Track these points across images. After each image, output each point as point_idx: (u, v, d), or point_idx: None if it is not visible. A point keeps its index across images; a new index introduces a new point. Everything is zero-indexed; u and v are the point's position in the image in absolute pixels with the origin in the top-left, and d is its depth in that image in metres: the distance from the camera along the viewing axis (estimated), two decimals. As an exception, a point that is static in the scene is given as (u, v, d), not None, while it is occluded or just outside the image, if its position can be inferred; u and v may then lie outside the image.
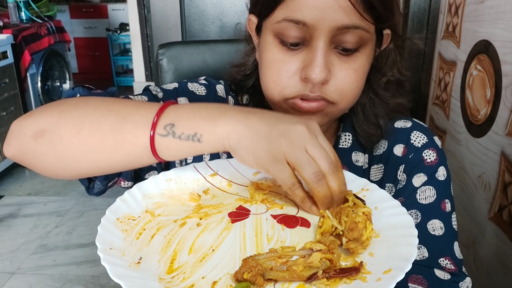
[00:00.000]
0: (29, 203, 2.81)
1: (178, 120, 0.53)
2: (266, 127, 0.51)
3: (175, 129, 0.53)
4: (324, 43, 0.60)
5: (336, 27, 0.59)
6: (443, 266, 0.67)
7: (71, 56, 4.77)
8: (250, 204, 0.57)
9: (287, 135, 0.50)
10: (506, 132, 1.03)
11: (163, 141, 0.53)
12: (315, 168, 0.50)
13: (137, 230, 0.52)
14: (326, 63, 0.61)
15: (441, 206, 0.69)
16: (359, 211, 0.49)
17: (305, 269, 0.44)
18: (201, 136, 0.52)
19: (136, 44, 4.37)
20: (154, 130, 0.53)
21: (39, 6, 3.53)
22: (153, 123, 0.53)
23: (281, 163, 0.50)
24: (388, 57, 0.71)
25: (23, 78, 3.14)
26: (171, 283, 0.44)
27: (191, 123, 0.53)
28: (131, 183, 0.70)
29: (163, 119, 0.53)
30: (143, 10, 4.13)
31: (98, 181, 0.65)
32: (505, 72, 1.04)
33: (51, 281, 2.12)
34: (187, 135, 0.52)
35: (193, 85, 0.77)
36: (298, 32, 0.61)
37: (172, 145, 0.53)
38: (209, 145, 0.53)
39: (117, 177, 0.68)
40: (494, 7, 1.12)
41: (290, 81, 0.63)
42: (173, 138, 0.53)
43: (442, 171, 0.71)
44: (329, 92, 0.63)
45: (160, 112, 0.53)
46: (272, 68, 0.64)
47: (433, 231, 0.68)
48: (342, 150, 0.75)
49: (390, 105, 0.73)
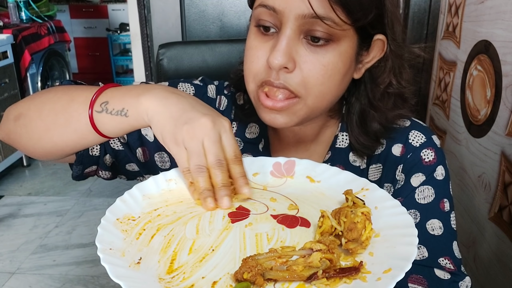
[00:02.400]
0: (29, 203, 2.81)
1: (112, 98, 0.61)
2: (178, 111, 0.57)
3: (108, 106, 0.60)
4: (290, 30, 0.60)
5: (303, 15, 0.59)
6: (442, 265, 0.67)
7: (71, 56, 4.77)
8: (250, 204, 0.57)
9: (191, 123, 0.55)
10: (506, 132, 1.03)
11: (99, 117, 0.61)
12: (201, 160, 0.55)
13: (137, 230, 0.52)
14: (288, 49, 0.60)
15: (440, 206, 0.69)
16: (358, 211, 0.49)
17: (305, 269, 0.44)
18: (127, 110, 0.59)
19: (136, 44, 4.36)
20: (92, 107, 0.61)
21: (39, 6, 3.53)
22: (91, 101, 0.61)
23: (180, 147, 0.56)
24: (385, 65, 0.69)
25: (23, 78, 3.14)
26: (171, 283, 0.44)
27: (121, 99, 0.60)
28: (109, 173, 0.78)
29: (100, 98, 0.61)
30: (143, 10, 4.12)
31: (74, 166, 0.73)
32: (505, 72, 1.04)
33: (51, 281, 2.12)
34: (116, 110, 0.60)
35: (183, 85, 0.79)
36: (270, 18, 0.62)
37: (106, 120, 0.61)
38: (134, 119, 0.59)
39: (95, 166, 0.75)
40: (494, 7, 1.12)
41: (260, 68, 0.64)
42: (106, 113, 0.60)
43: (440, 170, 0.70)
44: (293, 82, 0.62)
45: (99, 93, 0.62)
46: (248, 55, 0.66)
47: (432, 231, 0.68)
48: (339, 150, 0.75)
49: (388, 117, 0.71)
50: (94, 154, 0.74)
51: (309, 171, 0.64)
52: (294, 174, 0.64)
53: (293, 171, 0.64)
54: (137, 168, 0.78)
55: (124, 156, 0.76)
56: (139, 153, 0.77)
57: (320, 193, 0.60)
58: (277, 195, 0.60)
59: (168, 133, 0.56)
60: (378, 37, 0.65)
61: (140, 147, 0.76)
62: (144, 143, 0.76)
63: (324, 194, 0.60)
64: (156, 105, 0.57)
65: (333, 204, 0.57)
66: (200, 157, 0.55)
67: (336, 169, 0.63)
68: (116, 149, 0.75)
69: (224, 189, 0.56)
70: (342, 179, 0.61)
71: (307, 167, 0.64)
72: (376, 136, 0.72)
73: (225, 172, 0.56)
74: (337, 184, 0.60)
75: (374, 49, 0.67)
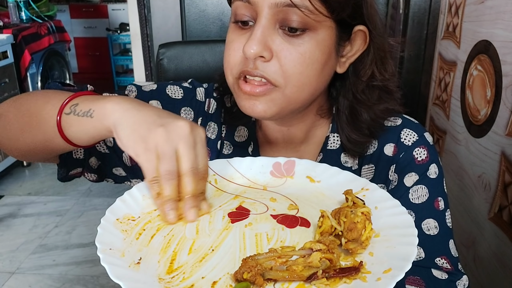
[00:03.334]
0: (29, 203, 2.81)
1: (83, 101, 0.59)
2: (153, 116, 0.53)
3: (77, 108, 0.58)
4: (264, 19, 0.60)
5: (275, 4, 0.59)
6: (439, 265, 0.67)
7: (71, 56, 4.77)
8: (250, 204, 0.57)
9: (168, 126, 0.52)
10: (506, 132, 1.03)
11: (66, 118, 0.59)
12: (173, 166, 0.51)
13: (137, 230, 0.52)
14: (262, 38, 0.60)
15: (434, 205, 0.69)
16: (358, 211, 0.49)
17: (305, 269, 0.44)
18: (93, 111, 0.56)
19: (136, 44, 4.36)
20: (62, 110, 0.59)
21: (39, 6, 3.53)
22: (62, 104, 0.60)
23: (151, 153, 0.51)
24: (366, 58, 0.68)
25: (23, 78, 3.14)
26: (171, 283, 0.44)
27: (91, 102, 0.58)
28: (95, 176, 0.76)
29: (73, 101, 0.60)
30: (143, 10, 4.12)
31: (58, 167, 0.72)
32: (505, 72, 1.04)
33: (51, 281, 2.12)
34: (83, 112, 0.57)
35: (172, 88, 0.78)
36: (246, 10, 0.62)
37: (72, 121, 0.59)
38: (98, 121, 0.56)
39: (80, 168, 0.74)
40: (494, 7, 1.12)
41: (235, 59, 0.64)
42: (74, 115, 0.58)
43: (433, 168, 0.70)
44: (270, 71, 0.61)
45: (74, 96, 0.60)
46: (226, 50, 0.65)
47: (428, 231, 0.68)
48: (330, 151, 0.74)
49: (376, 111, 0.70)
50: (78, 157, 0.72)
51: (309, 171, 0.64)
52: (294, 174, 0.64)
53: (293, 171, 0.64)
54: (124, 173, 0.77)
55: (110, 160, 0.75)
56: (125, 157, 0.75)
57: (320, 193, 0.60)
58: (277, 195, 0.60)
59: (139, 138, 0.52)
60: (359, 28, 0.65)
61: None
62: None
63: (324, 194, 0.60)
64: (125, 107, 0.54)
65: (333, 204, 0.57)
66: (172, 163, 0.51)
67: (336, 169, 0.63)
68: (102, 152, 0.74)
69: (193, 200, 0.53)
70: (342, 179, 0.61)
71: (307, 167, 0.64)
72: (368, 131, 0.71)
73: (196, 183, 0.53)
74: (337, 184, 0.60)
75: (357, 41, 0.66)
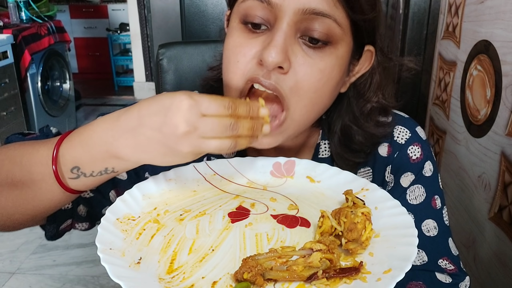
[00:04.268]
0: (29, 203, 2.81)
1: (79, 161, 0.53)
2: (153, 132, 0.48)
3: (83, 170, 0.53)
4: (287, 25, 0.55)
5: (302, 10, 0.54)
6: (443, 267, 0.67)
7: (71, 56, 4.77)
8: (250, 204, 0.57)
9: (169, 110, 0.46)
10: (506, 132, 1.03)
11: (77, 182, 0.54)
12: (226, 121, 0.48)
13: (137, 230, 0.52)
14: (285, 47, 0.55)
15: (432, 204, 0.68)
16: (358, 212, 0.49)
17: (305, 269, 0.44)
18: (113, 168, 0.53)
19: (136, 44, 4.37)
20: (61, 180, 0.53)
21: (39, 6, 3.53)
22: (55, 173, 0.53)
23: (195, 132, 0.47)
24: (372, 80, 0.65)
25: (23, 78, 3.14)
26: (171, 283, 0.44)
27: (95, 160, 0.52)
28: (87, 224, 0.71)
29: (64, 164, 0.53)
30: (143, 10, 4.13)
31: (47, 226, 0.66)
32: (505, 72, 1.04)
33: (51, 281, 2.12)
34: (98, 171, 0.53)
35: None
36: (262, 12, 0.56)
37: (89, 182, 0.54)
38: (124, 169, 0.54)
39: (70, 219, 0.69)
40: (494, 7, 1.12)
41: (246, 67, 0.57)
42: (86, 177, 0.54)
43: (428, 166, 0.69)
44: (285, 86, 0.56)
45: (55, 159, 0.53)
46: (231, 54, 0.59)
47: (427, 232, 0.67)
48: (322, 160, 0.71)
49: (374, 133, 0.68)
50: (67, 208, 0.67)
51: (309, 171, 0.64)
52: (294, 174, 0.64)
53: (293, 171, 0.64)
54: None
55: (97, 202, 0.70)
56: (112, 196, 0.70)
57: (320, 193, 0.60)
58: (277, 195, 0.60)
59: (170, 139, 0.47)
60: (368, 48, 0.63)
61: (113, 189, 0.70)
62: (116, 184, 0.70)
63: (324, 194, 0.60)
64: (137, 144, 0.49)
65: (333, 204, 0.57)
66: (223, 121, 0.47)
67: (336, 169, 0.63)
68: (87, 197, 0.69)
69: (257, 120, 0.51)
70: (342, 179, 0.61)
71: (307, 167, 0.64)
72: (361, 150, 0.69)
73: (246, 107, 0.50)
74: (337, 184, 0.60)
75: (362, 60, 0.64)
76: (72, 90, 3.77)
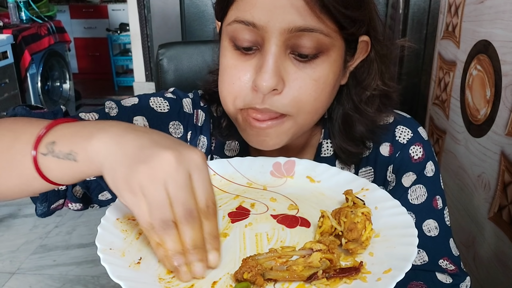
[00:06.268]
0: (29, 203, 2.80)
1: (60, 137, 0.48)
2: (134, 148, 0.44)
3: (55, 147, 0.48)
4: (275, 46, 0.55)
5: (288, 29, 0.54)
6: (443, 268, 0.67)
7: (71, 56, 4.77)
8: (250, 204, 0.57)
9: (149, 162, 0.42)
10: (506, 132, 1.03)
11: (44, 160, 0.48)
12: (166, 213, 0.42)
13: (137, 230, 0.51)
14: (277, 69, 0.55)
15: (433, 204, 0.68)
16: (358, 212, 0.49)
17: (305, 269, 0.44)
18: (76, 154, 0.47)
19: (136, 44, 4.37)
20: (37, 148, 0.48)
21: (39, 6, 3.53)
22: (36, 140, 0.48)
23: (137, 195, 0.42)
24: (370, 68, 0.65)
25: (23, 78, 3.14)
26: (171, 283, 0.44)
27: (70, 140, 0.48)
28: (80, 205, 0.68)
29: (47, 137, 0.49)
30: (143, 10, 4.13)
31: (38, 203, 0.63)
32: (505, 72, 1.04)
33: (51, 281, 2.12)
34: (64, 154, 0.47)
35: (155, 100, 0.71)
36: (249, 35, 0.56)
37: (52, 165, 0.48)
38: (85, 165, 0.47)
39: (62, 199, 0.66)
40: (493, 7, 1.12)
41: (242, 91, 0.59)
42: (52, 157, 0.48)
43: (430, 166, 0.69)
44: (282, 105, 0.57)
45: (47, 130, 0.49)
46: (226, 75, 0.60)
47: (428, 232, 0.67)
48: (324, 159, 0.71)
49: (375, 122, 0.68)
50: (60, 188, 0.64)
51: (309, 171, 0.64)
52: (294, 174, 0.64)
53: (293, 171, 0.64)
54: (111, 196, 0.69)
55: (96, 186, 0.67)
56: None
57: (320, 193, 0.60)
58: (277, 195, 0.60)
59: (120, 179, 0.43)
60: (363, 39, 0.62)
61: None
62: None
63: (324, 194, 0.60)
64: (109, 146, 0.45)
65: (333, 204, 0.58)
66: (164, 208, 0.42)
67: (336, 169, 0.63)
68: (87, 179, 0.66)
69: (197, 252, 0.44)
70: (342, 179, 0.61)
71: (307, 167, 0.64)
72: (362, 140, 0.69)
73: (197, 228, 0.44)
74: (337, 184, 0.60)
75: (358, 51, 0.64)
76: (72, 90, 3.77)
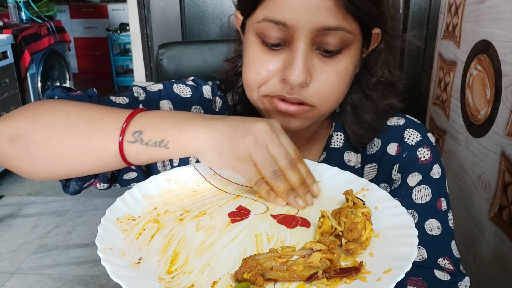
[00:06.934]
0: (29, 203, 2.81)
1: (146, 127, 0.56)
2: (230, 129, 0.54)
3: (143, 136, 0.56)
4: (304, 44, 0.59)
5: (317, 29, 0.58)
6: (442, 266, 0.67)
7: (71, 56, 4.77)
8: (250, 204, 0.57)
9: (251, 134, 0.53)
10: (506, 132, 1.03)
11: (131, 147, 0.56)
12: (274, 167, 0.54)
13: (137, 230, 0.52)
14: (306, 65, 0.60)
15: (437, 205, 0.69)
16: (358, 212, 0.49)
17: (305, 269, 0.44)
18: (167, 142, 0.55)
19: (136, 44, 4.36)
20: (123, 136, 0.56)
21: (39, 6, 3.53)
22: (122, 129, 0.56)
23: (247, 161, 0.53)
24: (378, 57, 0.70)
25: (23, 78, 3.14)
26: (171, 283, 0.44)
27: (158, 130, 0.56)
28: (107, 185, 0.73)
29: (132, 126, 0.56)
30: (143, 10, 4.12)
31: (74, 182, 0.67)
32: (505, 72, 1.04)
33: (51, 281, 2.12)
34: (154, 142, 0.55)
35: (178, 86, 0.76)
36: (278, 32, 0.60)
37: (140, 150, 0.56)
38: (176, 151, 0.55)
39: (93, 179, 0.70)
40: (494, 7, 1.12)
41: (269, 80, 0.63)
42: (141, 144, 0.56)
43: (436, 169, 0.70)
44: (308, 95, 0.62)
45: (129, 119, 0.56)
46: (252, 66, 0.64)
47: (430, 231, 0.68)
48: (334, 150, 0.75)
49: (379, 106, 0.72)
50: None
51: (309, 171, 0.64)
52: (294, 174, 0.64)
53: (293, 171, 0.64)
54: (135, 175, 0.74)
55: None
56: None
57: (320, 193, 0.60)
58: (277, 195, 0.60)
59: (229, 153, 0.53)
60: (375, 31, 0.66)
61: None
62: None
63: (324, 194, 0.60)
64: (203, 133, 0.54)
65: (333, 204, 0.57)
66: (272, 164, 0.54)
67: (336, 169, 0.63)
68: None
69: (304, 187, 0.56)
70: (342, 179, 0.61)
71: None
72: (369, 125, 0.72)
73: (298, 171, 0.56)
74: (337, 184, 0.60)
75: (372, 43, 0.67)
76: (72, 90, 3.77)
